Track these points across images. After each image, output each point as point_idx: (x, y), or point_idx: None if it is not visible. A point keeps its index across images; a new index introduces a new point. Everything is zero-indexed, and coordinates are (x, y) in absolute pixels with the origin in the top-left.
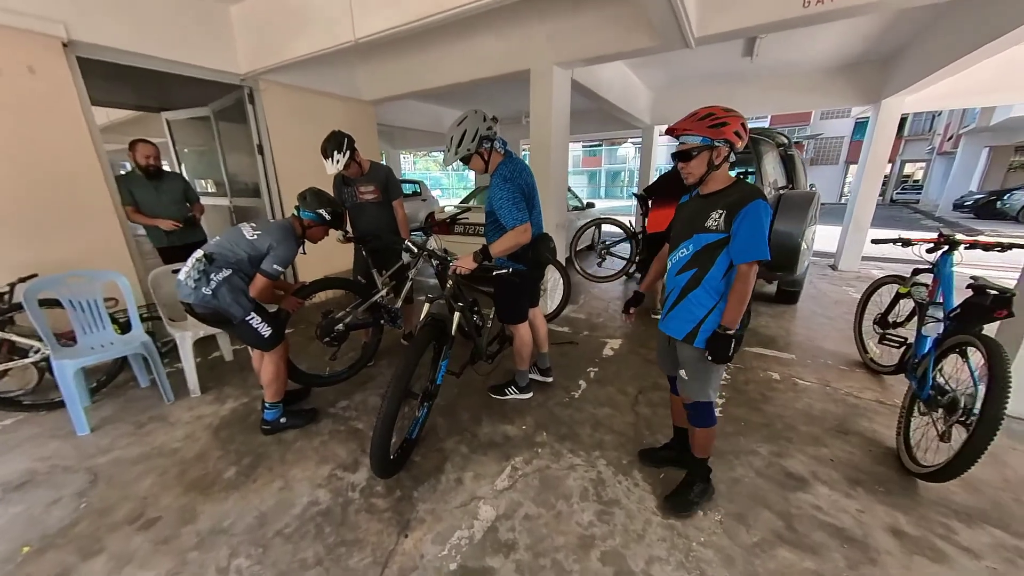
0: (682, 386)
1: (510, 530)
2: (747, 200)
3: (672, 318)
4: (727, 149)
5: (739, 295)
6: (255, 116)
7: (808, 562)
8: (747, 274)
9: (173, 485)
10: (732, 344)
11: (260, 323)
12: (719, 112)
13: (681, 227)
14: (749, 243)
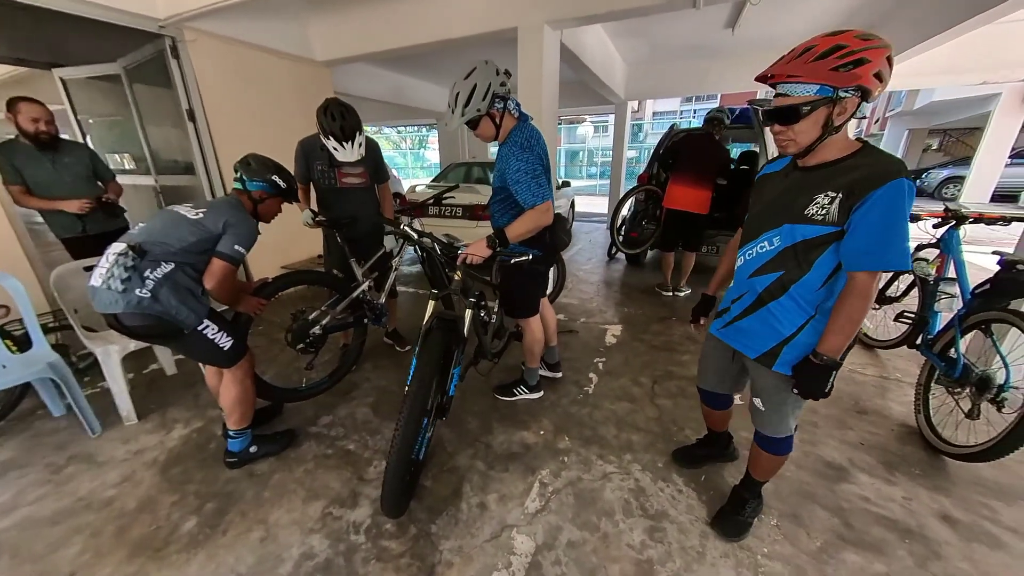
0: (755, 416)
1: (555, 563)
2: (882, 179)
3: (741, 329)
4: (858, 100)
5: (849, 317)
6: (182, 74)
7: (878, 564)
8: (867, 288)
9: (112, 550)
10: (832, 377)
11: (217, 332)
12: (854, 42)
13: (764, 210)
14: (878, 242)
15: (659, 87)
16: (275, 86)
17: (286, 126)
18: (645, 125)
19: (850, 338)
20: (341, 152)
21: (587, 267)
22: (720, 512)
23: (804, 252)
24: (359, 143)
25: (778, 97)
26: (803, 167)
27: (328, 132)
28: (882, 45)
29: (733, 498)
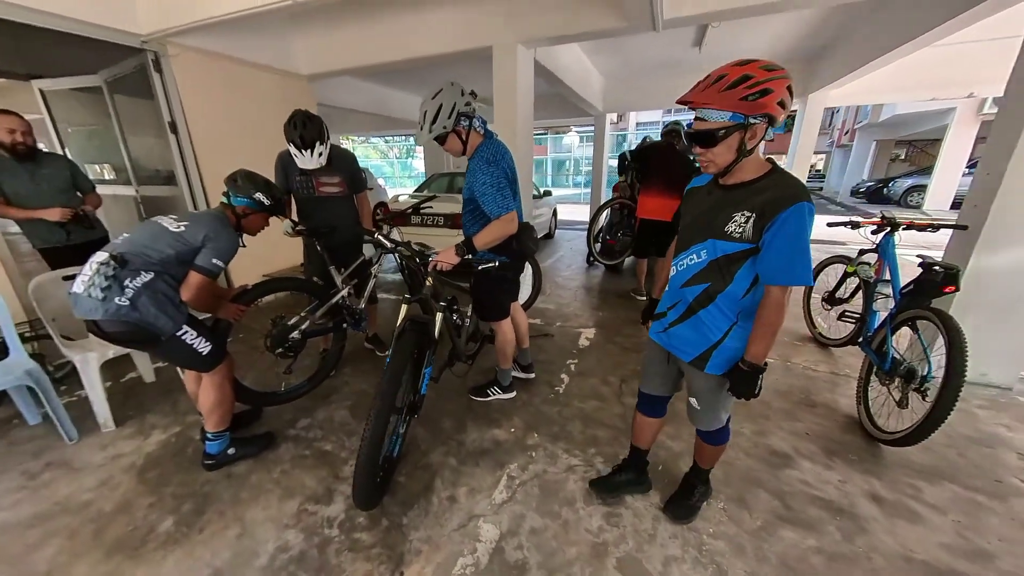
0: (691, 415)
1: (518, 548)
2: (788, 202)
3: (676, 335)
4: (766, 126)
5: (768, 326)
6: (164, 88)
7: (810, 540)
8: (780, 301)
9: (89, 549)
10: (760, 380)
11: (195, 338)
12: (759, 73)
13: (692, 224)
14: (786, 261)
15: (635, 100)
16: (259, 99)
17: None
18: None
19: (771, 344)
20: (301, 159)
21: (566, 273)
22: (671, 498)
23: (726, 265)
24: (319, 152)
25: (697, 121)
26: (723, 186)
27: (290, 140)
28: (784, 76)
29: (683, 485)
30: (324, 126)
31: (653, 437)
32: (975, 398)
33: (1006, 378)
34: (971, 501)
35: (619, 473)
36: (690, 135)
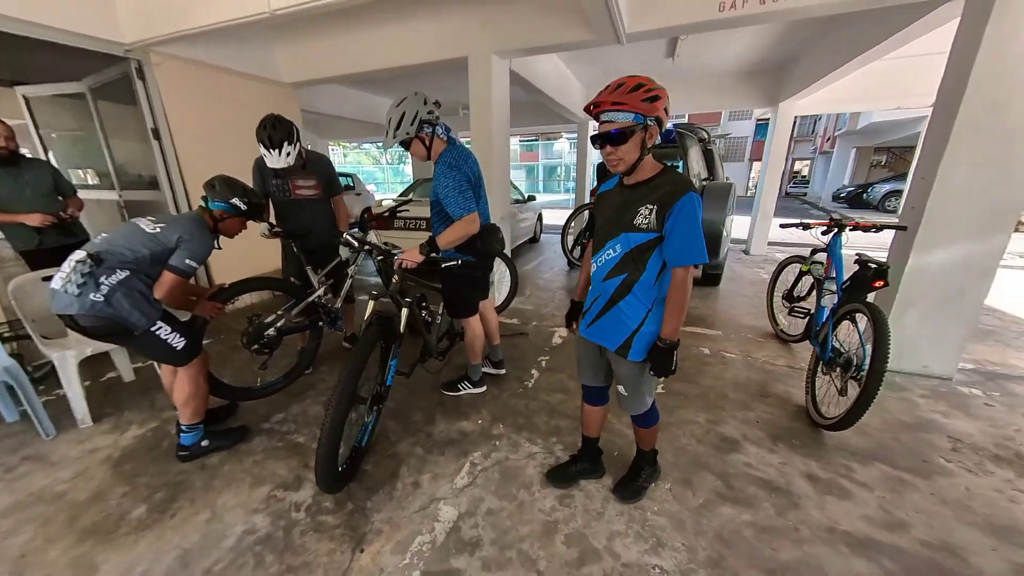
0: (621, 401)
1: (473, 527)
2: (681, 193)
3: (600, 326)
4: (657, 129)
5: (677, 303)
6: (147, 95)
7: (745, 515)
8: (684, 279)
9: (62, 535)
10: (675, 356)
11: (170, 333)
12: (649, 82)
13: (605, 223)
14: (686, 244)
15: None
16: (241, 106)
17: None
18: None
19: (681, 321)
20: (269, 158)
21: (547, 276)
22: (620, 480)
23: (639, 255)
24: (287, 152)
25: (604, 124)
26: (628, 185)
27: (259, 140)
28: (664, 89)
29: (631, 468)
30: (294, 129)
31: (600, 424)
32: (918, 388)
33: (946, 369)
34: (897, 479)
35: (574, 463)
36: (601, 136)
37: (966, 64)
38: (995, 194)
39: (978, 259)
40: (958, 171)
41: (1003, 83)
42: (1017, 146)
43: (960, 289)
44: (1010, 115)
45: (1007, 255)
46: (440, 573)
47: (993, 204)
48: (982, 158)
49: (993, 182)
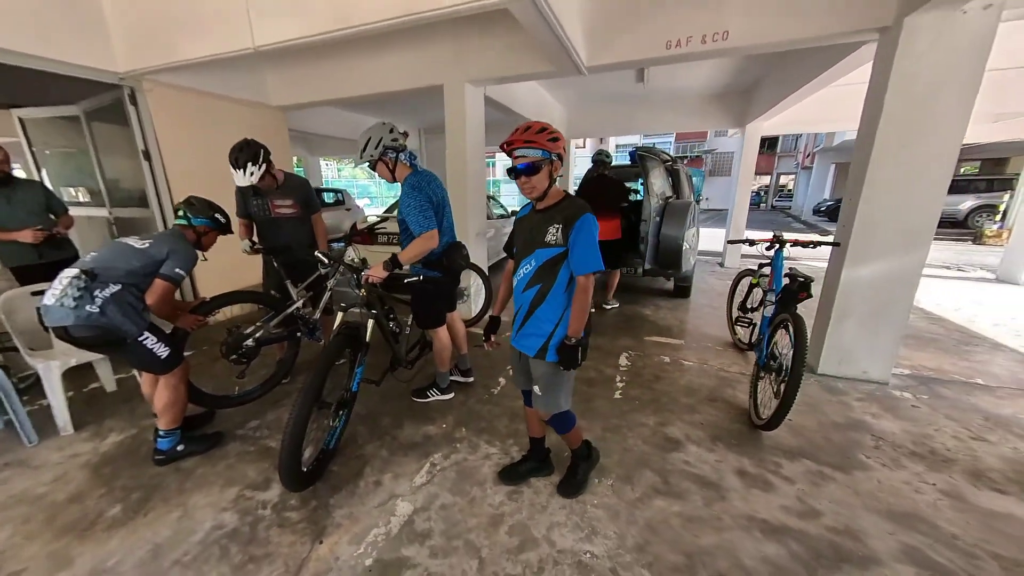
0: (536, 401)
1: (426, 520)
2: (580, 213)
3: (523, 335)
4: (559, 163)
5: (580, 305)
6: (139, 119)
7: (676, 506)
8: (586, 285)
9: (40, 533)
10: (579, 352)
11: (156, 343)
12: (550, 128)
13: (522, 243)
14: (586, 255)
15: (596, 128)
16: (230, 128)
17: None
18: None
19: (583, 321)
20: (236, 177)
21: None
22: (561, 479)
23: (550, 268)
24: (251, 172)
25: (517, 158)
26: (539, 210)
27: (229, 161)
28: (560, 132)
29: (569, 467)
30: (262, 152)
31: (539, 425)
32: (856, 392)
33: (882, 374)
34: (819, 473)
35: (524, 463)
36: (514, 170)
37: (879, 102)
38: (910, 215)
39: (902, 272)
40: (878, 195)
41: (909, 121)
42: (924, 175)
43: (888, 300)
44: (916, 149)
45: (968, 267)
46: (391, 561)
47: (909, 224)
48: (897, 184)
49: (908, 205)
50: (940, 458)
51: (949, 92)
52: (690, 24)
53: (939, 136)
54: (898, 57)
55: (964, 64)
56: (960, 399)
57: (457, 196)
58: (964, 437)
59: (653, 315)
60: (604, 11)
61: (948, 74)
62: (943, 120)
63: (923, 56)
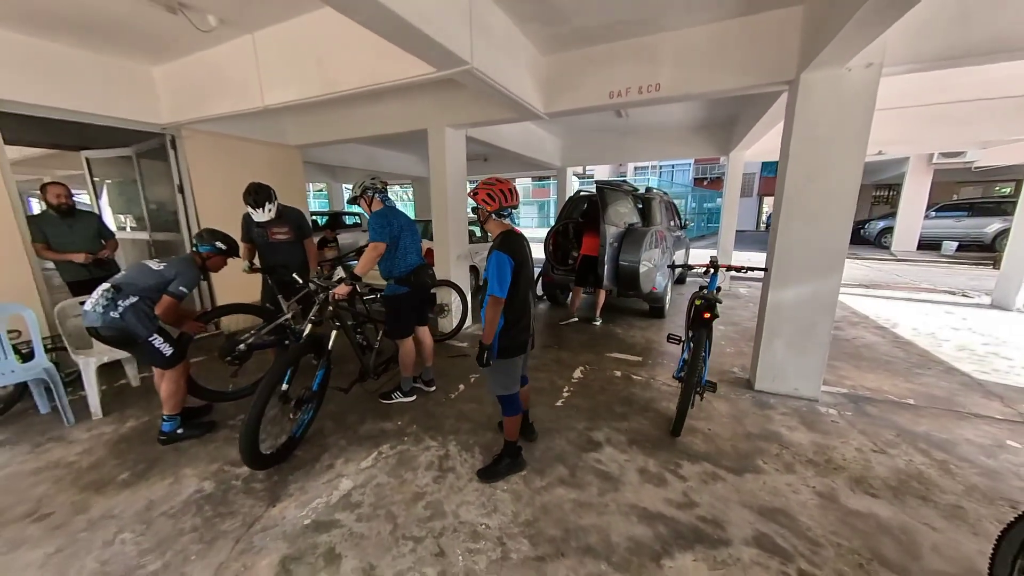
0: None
1: (361, 494)
2: (492, 249)
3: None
4: (488, 211)
5: (488, 318)
6: (176, 159)
7: (573, 494)
8: (489, 303)
9: (68, 488)
10: (484, 355)
11: (162, 343)
12: (479, 186)
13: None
14: (489, 281)
15: (591, 157)
16: (252, 165)
17: None
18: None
19: (488, 331)
20: (256, 215)
21: None
22: (483, 466)
23: (485, 287)
24: (269, 208)
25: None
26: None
27: (247, 203)
28: (483, 186)
29: (496, 455)
30: (272, 192)
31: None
32: (783, 407)
33: (811, 391)
34: (713, 474)
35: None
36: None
37: (787, 144)
38: (822, 243)
39: (819, 297)
40: (793, 225)
41: (811, 161)
42: (828, 209)
43: (810, 322)
44: (818, 186)
45: (974, 292)
46: (324, 522)
47: (819, 253)
48: (806, 217)
49: (816, 236)
50: (832, 466)
51: (843, 137)
52: (628, 77)
53: (837, 175)
54: (799, 107)
55: (853, 113)
56: (882, 417)
57: (440, 223)
58: (866, 449)
59: (623, 333)
60: (556, 66)
61: (841, 121)
62: (839, 161)
63: (819, 105)
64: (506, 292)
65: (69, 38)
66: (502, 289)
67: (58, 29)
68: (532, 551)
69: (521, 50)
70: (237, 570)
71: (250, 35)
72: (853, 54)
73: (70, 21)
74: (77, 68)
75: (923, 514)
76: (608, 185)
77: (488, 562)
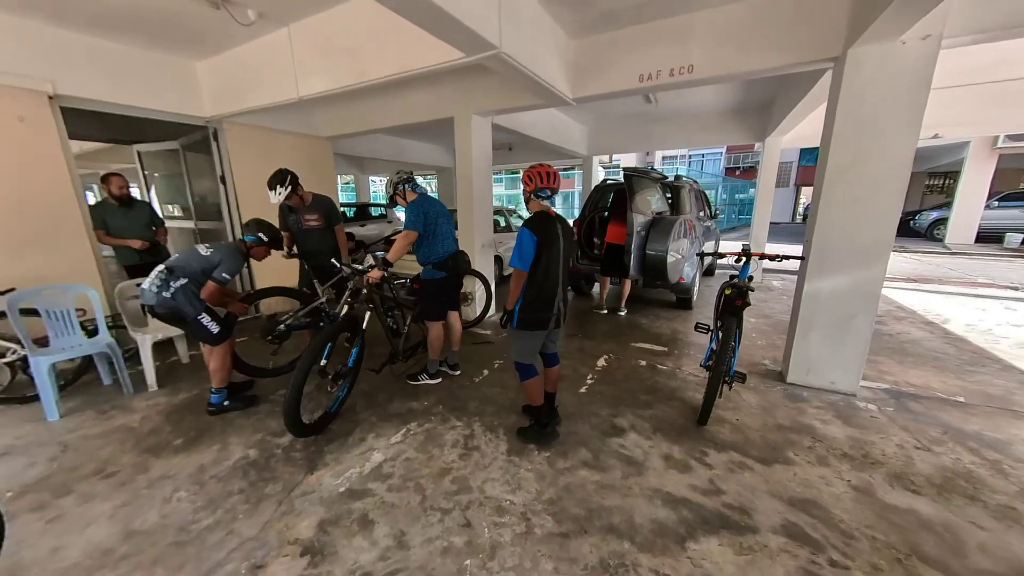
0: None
1: (391, 467)
2: (522, 225)
3: None
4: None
5: (511, 289)
6: (218, 151)
7: (596, 476)
8: (513, 275)
9: (130, 450)
10: (504, 318)
11: (210, 322)
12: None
13: None
14: (513, 253)
15: (618, 145)
16: (287, 156)
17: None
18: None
19: (512, 298)
20: (271, 196)
21: None
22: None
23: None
24: (277, 192)
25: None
26: None
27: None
28: (528, 168)
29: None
30: (288, 177)
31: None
32: (817, 400)
33: (849, 386)
34: (740, 463)
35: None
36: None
37: (831, 124)
38: (866, 231)
39: (860, 287)
40: (834, 211)
41: (857, 142)
42: (874, 195)
43: (850, 313)
44: (864, 170)
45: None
46: (358, 491)
47: (862, 240)
48: (849, 202)
49: (860, 222)
50: (870, 461)
51: (894, 118)
52: (660, 60)
53: (886, 158)
54: (845, 84)
55: (906, 91)
56: (927, 414)
57: (465, 212)
58: (908, 446)
59: (648, 324)
60: (584, 50)
61: (892, 101)
62: (889, 144)
63: (868, 83)
64: (526, 266)
65: (123, 36)
66: (522, 262)
67: (115, 28)
68: (556, 527)
69: (549, 33)
70: (280, 529)
71: (286, 28)
72: (909, 25)
73: (125, 19)
74: (131, 65)
75: (970, 513)
76: (637, 172)
77: (513, 535)
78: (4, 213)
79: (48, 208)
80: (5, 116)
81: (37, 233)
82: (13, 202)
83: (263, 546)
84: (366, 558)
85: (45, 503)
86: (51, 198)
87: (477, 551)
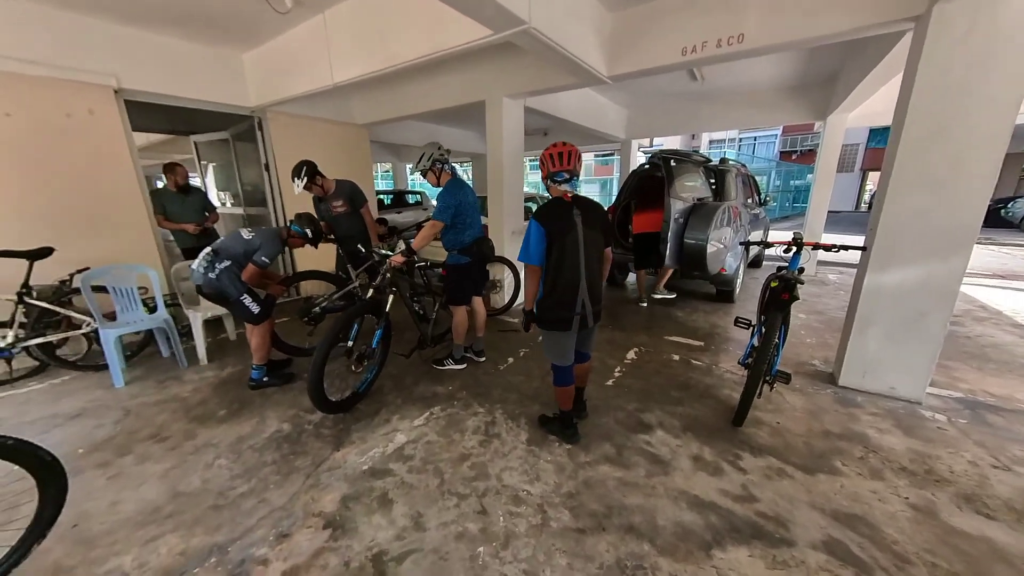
0: None
1: (413, 449)
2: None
3: None
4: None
5: (524, 287)
6: (263, 139)
7: (618, 472)
8: (525, 270)
9: (181, 418)
10: (524, 318)
11: (251, 302)
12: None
13: None
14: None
15: (659, 127)
16: (325, 143)
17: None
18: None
19: (527, 297)
20: (294, 188)
21: None
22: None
23: None
24: (295, 183)
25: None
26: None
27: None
28: (545, 150)
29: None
30: (301, 168)
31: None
32: (874, 407)
33: (914, 392)
34: (779, 470)
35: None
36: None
37: (907, 96)
38: (946, 217)
39: (934, 281)
40: (907, 194)
41: (940, 116)
42: (962, 172)
43: (919, 310)
44: (947, 147)
45: None
46: (380, 470)
47: (941, 227)
48: (931, 182)
49: (944, 204)
50: (934, 478)
51: (988, 85)
52: (705, 30)
53: (976, 133)
54: (928, 47)
55: (1005, 53)
56: (1009, 428)
57: (496, 198)
58: (983, 464)
59: (684, 316)
60: (622, 22)
61: (986, 65)
62: (980, 116)
63: (956, 45)
64: (535, 260)
65: (178, 31)
66: (527, 256)
67: (170, 23)
68: (573, 522)
69: (583, 5)
70: (306, 501)
71: (321, 15)
72: None
73: (178, 13)
74: (186, 58)
75: None
76: (676, 155)
77: (528, 527)
78: (78, 198)
79: (115, 194)
80: (77, 109)
81: (105, 217)
82: (86, 188)
83: (289, 516)
84: (383, 536)
85: (108, 461)
86: (118, 185)
87: (491, 539)
